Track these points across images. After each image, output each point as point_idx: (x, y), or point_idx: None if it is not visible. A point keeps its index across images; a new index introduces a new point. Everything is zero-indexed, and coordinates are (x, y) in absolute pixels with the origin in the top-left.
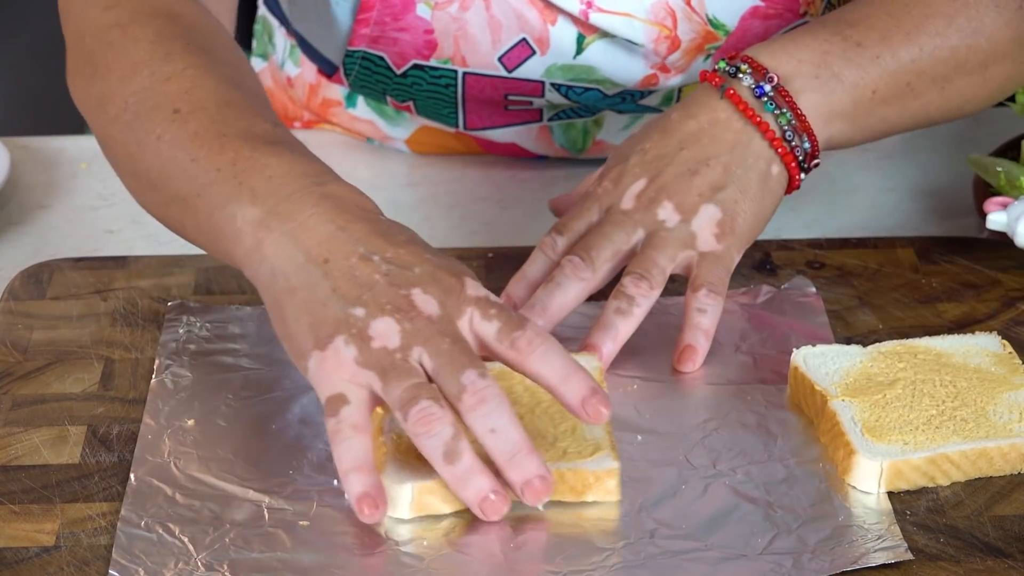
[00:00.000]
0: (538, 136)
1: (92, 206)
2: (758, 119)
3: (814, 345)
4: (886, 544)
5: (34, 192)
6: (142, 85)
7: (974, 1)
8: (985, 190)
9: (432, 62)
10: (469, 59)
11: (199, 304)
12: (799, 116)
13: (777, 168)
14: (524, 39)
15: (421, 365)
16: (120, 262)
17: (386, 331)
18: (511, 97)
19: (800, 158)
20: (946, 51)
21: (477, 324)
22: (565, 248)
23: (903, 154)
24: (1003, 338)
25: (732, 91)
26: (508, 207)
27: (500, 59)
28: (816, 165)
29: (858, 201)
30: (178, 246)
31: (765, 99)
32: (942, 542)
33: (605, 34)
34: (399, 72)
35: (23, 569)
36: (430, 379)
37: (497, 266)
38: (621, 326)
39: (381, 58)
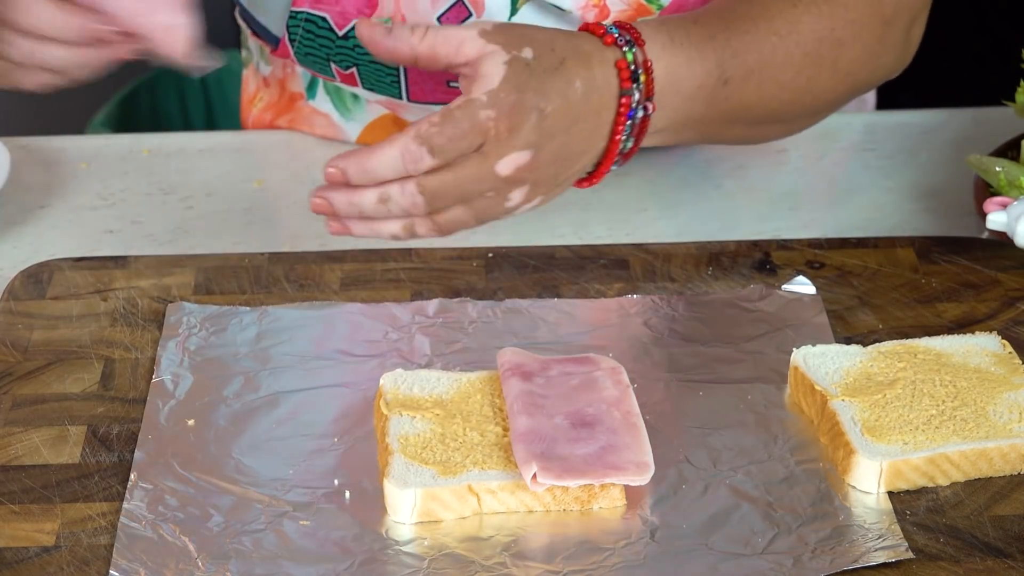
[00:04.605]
0: None
1: (92, 206)
2: (623, 117)
3: (814, 345)
4: (886, 543)
5: (34, 192)
6: None
7: (827, 64)
8: (985, 190)
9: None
10: (409, 18)
11: (199, 304)
12: (642, 130)
13: (590, 166)
14: (461, 0)
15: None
16: (120, 262)
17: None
18: None
19: (616, 162)
20: (774, 103)
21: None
22: (426, 171)
23: (903, 154)
24: (1003, 338)
25: (623, 62)
26: None
27: (439, 19)
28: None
29: (858, 201)
30: (178, 246)
31: (637, 103)
32: (942, 542)
33: None
34: (341, 34)
35: (23, 569)
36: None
37: (497, 266)
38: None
39: (324, 19)
